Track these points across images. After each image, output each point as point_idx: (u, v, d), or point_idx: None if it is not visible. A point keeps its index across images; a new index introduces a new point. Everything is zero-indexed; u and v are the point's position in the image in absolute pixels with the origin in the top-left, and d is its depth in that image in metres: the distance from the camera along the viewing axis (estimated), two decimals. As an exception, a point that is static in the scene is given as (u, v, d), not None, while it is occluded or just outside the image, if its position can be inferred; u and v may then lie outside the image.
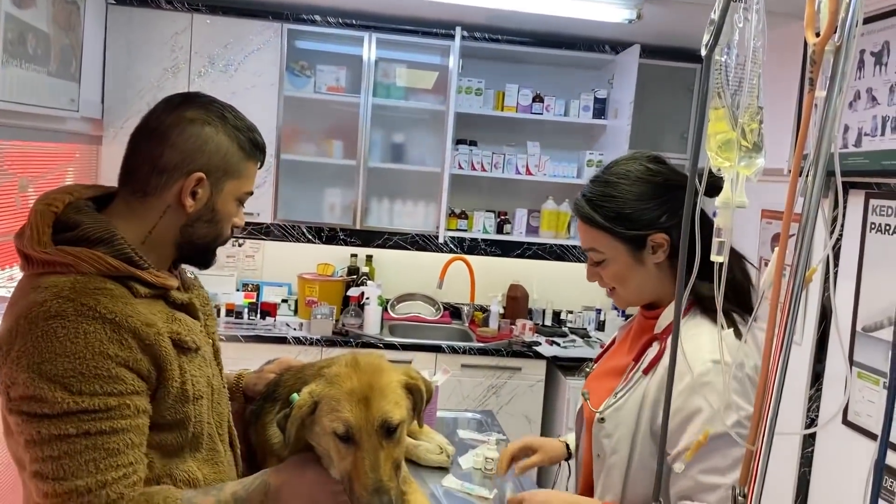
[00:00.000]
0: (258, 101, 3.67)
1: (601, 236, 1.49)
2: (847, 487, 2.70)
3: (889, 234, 2.52)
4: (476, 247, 4.26)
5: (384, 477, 1.27)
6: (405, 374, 1.44)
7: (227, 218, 1.34)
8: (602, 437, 1.48)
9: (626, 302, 1.57)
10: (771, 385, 0.87)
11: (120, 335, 1.14)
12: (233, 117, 1.31)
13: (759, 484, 0.89)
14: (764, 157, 0.99)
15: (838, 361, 2.81)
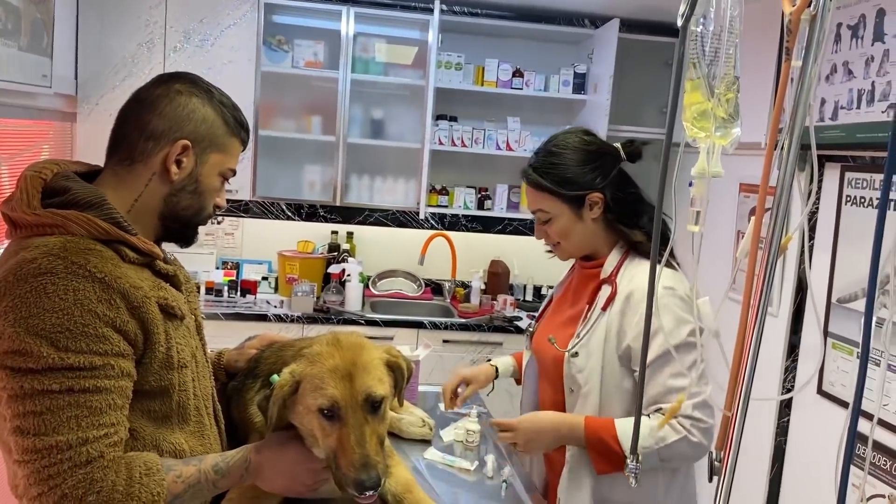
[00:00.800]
0: (235, 77, 3.62)
1: (548, 199, 1.76)
2: (821, 455, 2.76)
3: (864, 206, 2.55)
4: (457, 223, 4.26)
5: (371, 452, 1.28)
6: (386, 351, 1.45)
7: (210, 191, 1.35)
8: (575, 372, 1.70)
9: (569, 254, 1.84)
10: (747, 351, 0.88)
11: (109, 295, 1.15)
12: (219, 94, 1.35)
13: (735, 447, 0.91)
14: (740, 128, 0.99)
15: (814, 333, 2.85)
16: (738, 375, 0.91)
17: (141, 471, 1.16)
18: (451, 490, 1.64)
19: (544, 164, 1.77)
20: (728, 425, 0.95)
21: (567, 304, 1.88)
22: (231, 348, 1.71)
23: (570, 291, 1.90)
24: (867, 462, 2.40)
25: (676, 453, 1.61)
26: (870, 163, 2.52)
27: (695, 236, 1.00)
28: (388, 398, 1.38)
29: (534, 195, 1.80)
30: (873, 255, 0.97)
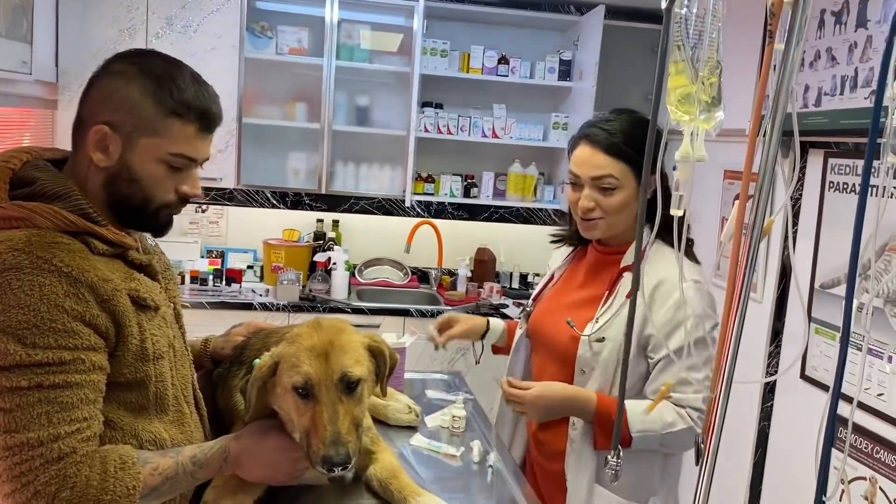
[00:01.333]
0: (218, 64, 3.59)
1: (620, 165, 1.68)
2: (804, 439, 2.79)
3: (847, 192, 2.57)
4: (443, 211, 4.26)
5: (342, 429, 1.27)
6: (369, 337, 1.44)
7: (150, 180, 1.26)
8: (591, 355, 1.70)
9: (606, 231, 1.76)
10: (729, 334, 0.89)
11: (76, 289, 1.13)
12: (169, 74, 1.24)
13: (718, 430, 0.91)
14: (723, 111, 0.99)
15: (797, 318, 2.87)
16: (721, 359, 0.92)
17: (116, 465, 1.15)
18: (437, 476, 1.64)
19: (620, 130, 1.70)
20: (711, 408, 0.95)
21: (576, 285, 1.86)
22: (217, 335, 1.70)
23: (581, 273, 1.87)
24: (847, 444, 2.43)
25: (678, 441, 1.64)
26: (853, 149, 2.53)
27: (679, 220, 1.00)
28: (367, 381, 1.37)
29: (602, 158, 1.69)
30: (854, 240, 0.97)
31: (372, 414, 1.77)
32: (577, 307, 1.81)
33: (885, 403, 2.30)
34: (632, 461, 1.67)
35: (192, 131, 1.26)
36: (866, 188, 0.95)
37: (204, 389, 1.51)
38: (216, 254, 4.03)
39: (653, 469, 1.74)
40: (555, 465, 1.80)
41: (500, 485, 1.66)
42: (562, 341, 1.79)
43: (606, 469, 1.07)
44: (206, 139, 1.31)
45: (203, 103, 1.27)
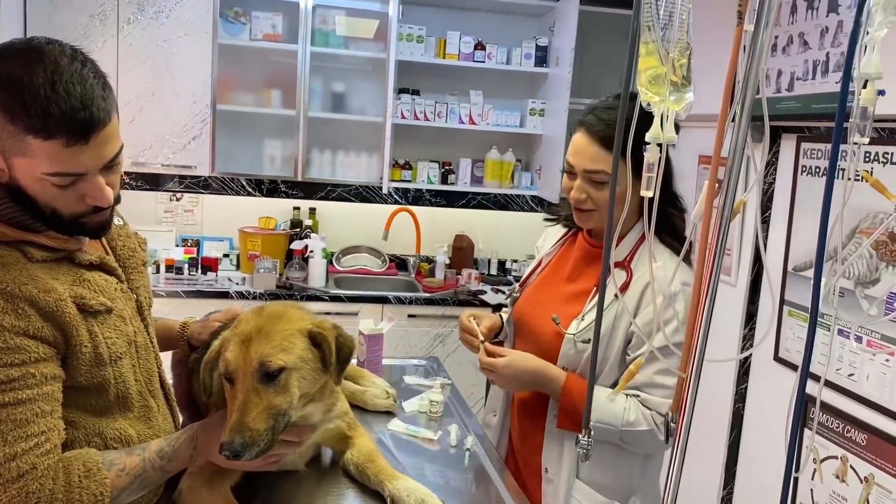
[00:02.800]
0: (191, 50, 3.55)
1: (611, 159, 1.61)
2: (778, 420, 2.83)
3: (819, 176, 2.60)
4: (421, 198, 4.25)
5: (247, 418, 1.24)
6: (315, 324, 1.40)
7: (44, 196, 1.14)
8: (574, 353, 1.67)
9: (600, 224, 1.72)
10: (700, 312, 0.90)
11: (15, 304, 1.09)
12: (19, 83, 1.07)
13: (690, 409, 0.92)
14: (693, 93, 1.00)
15: (769, 302, 2.91)
16: (692, 336, 0.93)
17: (80, 474, 1.13)
18: (414, 460, 1.65)
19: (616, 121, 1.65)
20: (683, 387, 0.96)
21: (563, 277, 1.82)
22: (195, 318, 1.69)
23: (568, 265, 1.82)
24: (815, 422, 2.47)
25: (638, 441, 1.63)
26: (825, 133, 2.56)
27: (648, 202, 1.01)
28: (296, 370, 1.33)
29: (596, 151, 1.64)
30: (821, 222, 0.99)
31: (350, 399, 1.77)
32: (564, 301, 1.77)
33: (855, 383, 2.34)
34: (613, 459, 1.69)
35: (59, 147, 1.09)
36: (834, 170, 0.96)
37: (181, 375, 1.50)
38: (191, 242, 4.00)
39: (633, 468, 1.73)
40: (535, 458, 1.79)
41: (477, 468, 1.67)
42: (546, 335, 1.76)
43: (577, 448, 1.06)
44: (86, 148, 1.11)
45: (62, 113, 1.08)
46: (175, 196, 4.05)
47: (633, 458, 1.71)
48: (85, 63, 1.15)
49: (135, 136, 3.59)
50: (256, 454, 1.26)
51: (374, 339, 2.14)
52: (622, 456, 1.69)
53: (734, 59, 1.04)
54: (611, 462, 1.69)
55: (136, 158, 3.62)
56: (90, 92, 1.11)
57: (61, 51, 1.13)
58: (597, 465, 1.69)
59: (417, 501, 1.37)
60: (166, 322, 1.66)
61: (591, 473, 1.71)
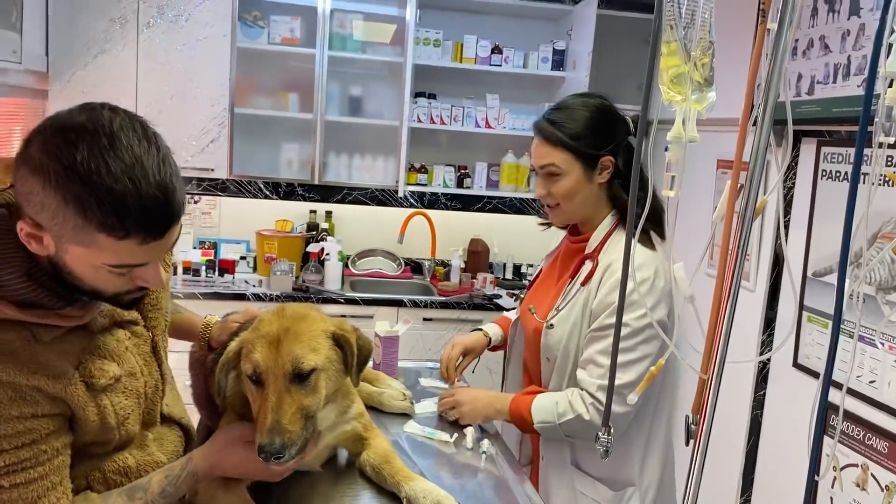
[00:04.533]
0: (210, 53, 3.57)
1: (561, 153, 1.72)
2: (796, 427, 2.80)
3: (839, 181, 2.57)
4: (436, 201, 4.25)
5: (283, 419, 1.25)
6: (336, 325, 1.40)
7: (94, 280, 1.08)
8: (551, 343, 1.76)
9: (566, 218, 1.83)
10: (722, 314, 0.89)
11: (23, 394, 1.05)
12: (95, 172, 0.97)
13: (711, 410, 0.91)
14: (715, 92, 0.99)
15: (790, 307, 2.88)
16: (714, 338, 0.92)
17: None
18: (430, 462, 1.64)
19: (561, 118, 1.74)
20: (704, 389, 0.95)
21: (554, 276, 1.91)
22: (216, 317, 1.70)
23: (557, 264, 1.93)
24: (837, 431, 2.44)
25: (575, 430, 1.69)
26: (845, 137, 2.54)
27: (670, 201, 1.00)
28: (324, 371, 1.34)
29: (545, 149, 1.75)
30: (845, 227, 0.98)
31: (366, 401, 1.77)
32: (548, 297, 1.86)
33: (876, 390, 2.31)
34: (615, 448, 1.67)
35: (133, 244, 1.02)
36: (857, 175, 0.95)
37: (199, 374, 1.51)
38: (209, 245, 4.02)
39: (632, 459, 1.77)
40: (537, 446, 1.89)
41: (494, 470, 1.67)
42: (529, 331, 1.87)
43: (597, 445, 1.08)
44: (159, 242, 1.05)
45: (143, 211, 0.99)
46: (193, 198, 4.07)
47: (633, 449, 1.76)
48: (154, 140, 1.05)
49: (153, 139, 3.62)
50: (295, 454, 1.27)
51: (389, 341, 2.14)
52: (620, 445, 1.74)
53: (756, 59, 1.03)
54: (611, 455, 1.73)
55: (154, 161, 3.64)
56: (169, 182, 1.02)
57: (131, 126, 1.03)
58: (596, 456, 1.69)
59: (433, 503, 1.37)
60: (191, 318, 1.67)
61: (591, 465, 1.78)
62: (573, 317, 1.74)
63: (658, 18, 0.94)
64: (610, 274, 1.69)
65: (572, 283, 1.78)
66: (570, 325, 1.73)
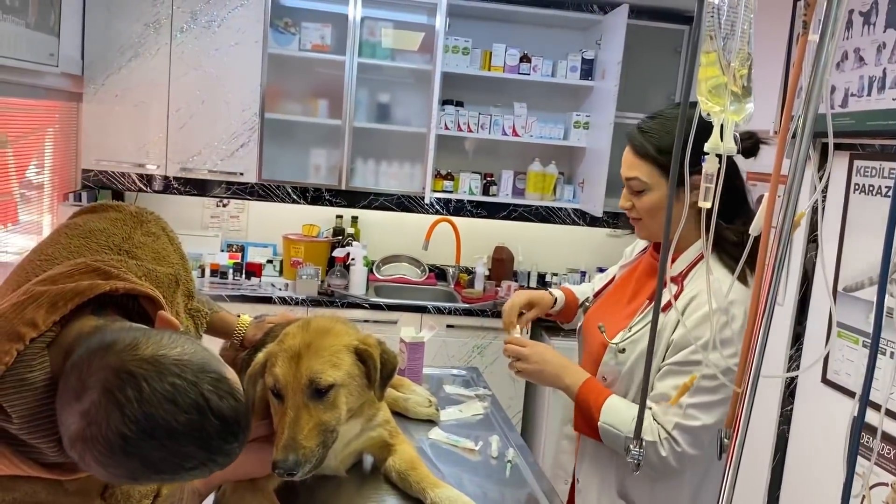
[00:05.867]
0: (242, 59, 3.62)
1: (646, 167, 1.60)
2: (824, 444, 2.76)
3: (872, 195, 2.54)
4: (462, 208, 4.26)
5: (298, 435, 1.26)
6: (360, 339, 1.40)
7: None
8: (615, 364, 1.64)
9: (649, 234, 1.69)
10: (757, 327, 0.88)
11: None
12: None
13: (745, 423, 0.90)
14: (753, 103, 0.99)
15: (818, 322, 2.84)
16: (748, 351, 0.91)
17: None
18: (455, 470, 1.64)
19: (652, 129, 1.61)
20: (738, 402, 0.94)
21: (628, 290, 1.79)
22: (247, 315, 1.72)
23: (634, 279, 1.80)
24: (875, 452, 2.40)
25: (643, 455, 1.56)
26: (879, 151, 2.50)
27: (706, 214, 1.00)
28: (344, 386, 1.34)
29: (633, 160, 1.63)
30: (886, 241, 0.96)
31: (391, 407, 1.77)
32: (620, 314, 1.74)
33: (908, 408, 2.27)
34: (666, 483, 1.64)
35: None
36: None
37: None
38: (236, 248, 4.06)
39: (681, 488, 1.66)
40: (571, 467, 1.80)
41: (519, 480, 1.66)
42: (594, 345, 1.75)
43: (628, 458, 1.05)
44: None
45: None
46: (221, 202, 4.11)
47: (682, 488, 1.65)
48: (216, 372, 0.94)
49: (184, 143, 3.67)
50: (310, 470, 1.27)
51: (415, 348, 2.14)
52: (672, 486, 1.64)
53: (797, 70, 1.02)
54: (661, 490, 1.64)
55: (184, 164, 3.69)
56: (241, 410, 0.93)
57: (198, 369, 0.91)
58: (645, 489, 1.65)
59: (459, 510, 1.36)
60: (227, 317, 1.68)
61: (639, 497, 1.66)
62: (643, 341, 1.61)
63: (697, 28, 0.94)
64: (697, 306, 1.55)
65: (651, 307, 1.64)
66: (640, 350, 1.62)
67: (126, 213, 1.24)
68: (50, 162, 3.45)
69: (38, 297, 0.95)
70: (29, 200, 3.29)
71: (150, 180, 3.83)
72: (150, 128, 3.65)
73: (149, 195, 3.85)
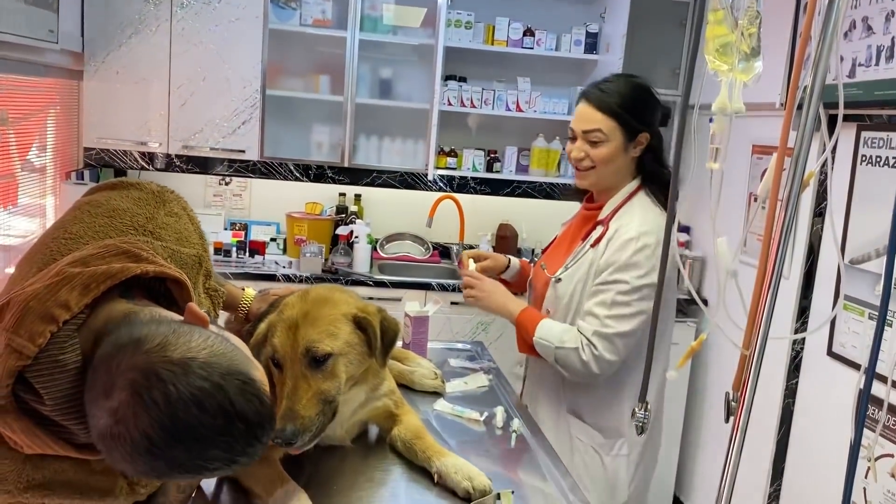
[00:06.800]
0: (242, 35, 3.58)
1: (609, 121, 1.88)
2: (830, 417, 2.76)
3: (880, 166, 2.52)
4: (465, 185, 4.24)
5: (297, 405, 1.26)
6: (359, 308, 1.40)
7: None
8: (556, 296, 1.95)
9: (595, 182, 1.97)
10: (766, 289, 0.87)
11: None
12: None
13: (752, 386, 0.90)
14: (761, 62, 0.97)
15: (824, 295, 2.83)
16: (756, 312, 0.90)
17: None
18: (460, 440, 1.64)
19: (613, 90, 1.90)
20: (745, 365, 0.93)
21: (567, 240, 2.09)
22: (250, 288, 1.73)
23: (572, 229, 2.11)
24: (880, 424, 2.40)
25: (568, 361, 1.85)
26: (886, 121, 2.48)
27: (714, 174, 0.98)
28: (343, 355, 1.34)
29: (593, 114, 1.89)
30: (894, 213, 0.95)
31: (397, 379, 1.77)
32: (560, 254, 2.05)
33: (914, 379, 2.26)
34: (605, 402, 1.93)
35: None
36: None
37: None
38: (239, 226, 4.05)
39: (623, 411, 1.92)
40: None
41: (524, 449, 1.66)
42: (539, 286, 2.06)
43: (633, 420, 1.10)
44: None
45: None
46: (224, 180, 4.10)
47: (622, 403, 1.92)
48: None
49: (186, 120, 3.65)
50: (309, 440, 1.28)
51: (419, 321, 2.14)
52: (613, 401, 1.92)
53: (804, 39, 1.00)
54: (603, 405, 1.94)
55: (186, 142, 3.67)
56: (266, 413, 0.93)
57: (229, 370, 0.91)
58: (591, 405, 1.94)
59: (465, 478, 1.37)
60: (233, 290, 1.68)
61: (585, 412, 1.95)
62: (579, 274, 1.90)
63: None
64: (617, 237, 1.85)
65: (583, 245, 1.95)
66: (576, 281, 1.90)
67: (148, 191, 1.25)
68: (52, 140, 3.44)
69: (71, 279, 0.96)
70: (31, 180, 3.28)
71: (153, 158, 3.82)
72: (151, 105, 3.63)
73: (151, 173, 3.83)
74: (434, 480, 1.42)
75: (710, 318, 0.91)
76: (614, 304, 1.81)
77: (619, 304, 1.81)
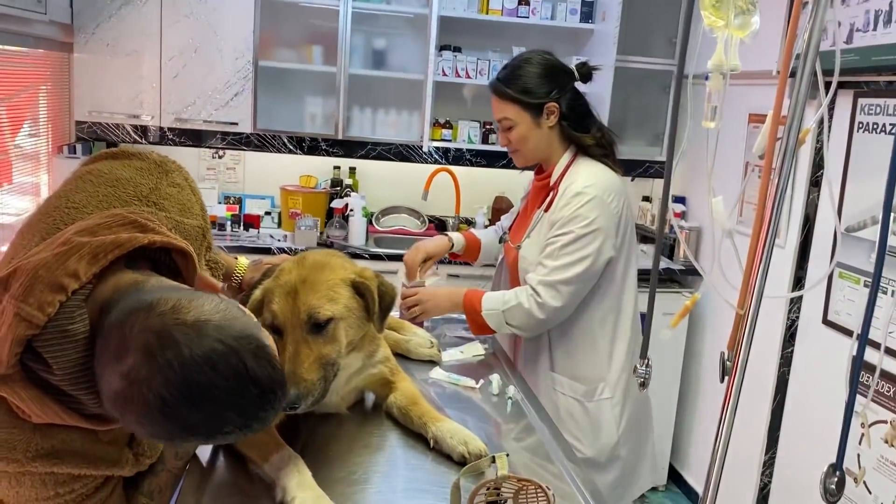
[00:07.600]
0: (234, 5, 3.53)
1: (511, 107, 2.00)
2: (824, 385, 2.77)
3: (877, 133, 2.50)
4: (461, 157, 4.21)
5: (299, 369, 1.27)
6: (357, 273, 1.41)
7: None
8: (524, 265, 2.02)
9: (525, 159, 2.08)
10: (761, 246, 0.86)
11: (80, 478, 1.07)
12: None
13: (747, 346, 0.89)
14: (758, 17, 0.95)
15: (820, 265, 2.83)
16: (751, 272, 0.89)
17: None
18: (456, 408, 1.64)
19: (509, 76, 2.02)
20: (739, 324, 0.93)
21: (527, 212, 2.17)
22: (243, 258, 1.72)
23: (529, 202, 2.19)
24: (871, 390, 2.41)
25: (514, 316, 1.93)
26: (884, 88, 2.46)
27: (710, 134, 0.97)
28: (343, 319, 1.35)
29: (499, 104, 2.03)
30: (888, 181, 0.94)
31: (393, 348, 1.77)
32: (522, 228, 2.11)
33: (908, 345, 2.27)
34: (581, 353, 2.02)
35: None
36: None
37: None
38: (233, 200, 4.03)
39: (600, 357, 2.01)
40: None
41: (520, 415, 1.67)
42: (511, 262, 2.13)
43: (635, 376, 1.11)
44: None
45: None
46: (217, 153, 4.07)
47: (597, 351, 2.01)
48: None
49: (178, 93, 3.62)
50: (312, 403, 1.28)
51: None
52: (587, 349, 2.01)
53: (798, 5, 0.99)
54: (580, 356, 2.02)
55: (179, 115, 3.64)
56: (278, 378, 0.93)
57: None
58: (569, 359, 2.02)
59: (460, 443, 1.37)
60: (227, 259, 1.68)
61: (564, 367, 2.03)
62: (540, 239, 1.99)
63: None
64: (565, 196, 1.95)
65: (539, 212, 2.04)
66: (538, 246, 1.99)
67: (150, 161, 1.24)
68: (44, 114, 3.41)
69: (80, 248, 0.95)
70: (24, 155, 3.25)
71: (145, 131, 3.79)
72: (143, 78, 3.59)
73: (144, 146, 3.80)
74: (430, 446, 1.43)
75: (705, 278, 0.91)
76: (559, 255, 1.91)
77: (564, 255, 1.91)
